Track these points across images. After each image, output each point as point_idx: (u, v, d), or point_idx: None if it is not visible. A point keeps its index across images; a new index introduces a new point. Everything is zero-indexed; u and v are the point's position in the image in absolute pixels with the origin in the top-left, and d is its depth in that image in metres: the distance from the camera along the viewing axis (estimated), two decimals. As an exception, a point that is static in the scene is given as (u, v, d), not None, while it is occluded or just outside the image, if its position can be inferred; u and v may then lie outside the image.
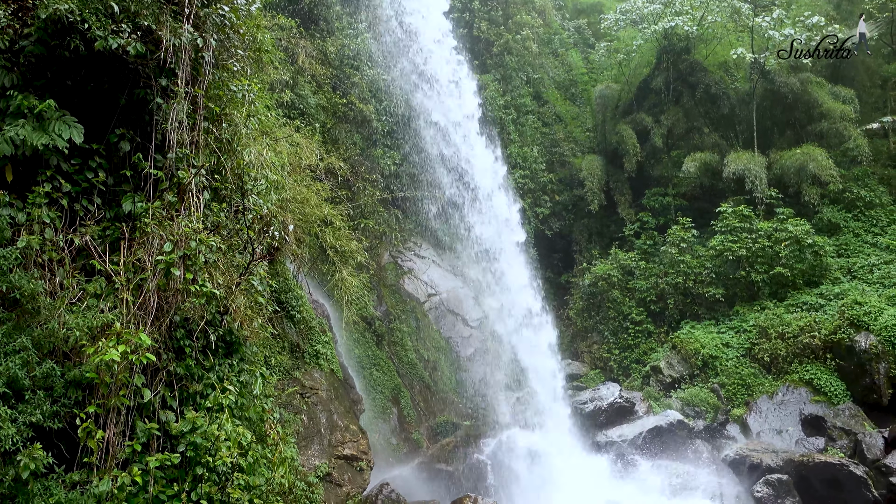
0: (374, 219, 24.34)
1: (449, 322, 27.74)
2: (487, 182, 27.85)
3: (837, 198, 31.06)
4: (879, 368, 22.67)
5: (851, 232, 30.17)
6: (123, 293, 8.19)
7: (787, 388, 23.98)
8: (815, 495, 18.40)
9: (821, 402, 23.07)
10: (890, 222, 30.27)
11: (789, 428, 22.62)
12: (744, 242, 28.60)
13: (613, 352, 30.35)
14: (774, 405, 23.60)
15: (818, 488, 18.46)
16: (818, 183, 30.63)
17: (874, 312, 23.71)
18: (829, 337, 24.22)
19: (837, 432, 21.53)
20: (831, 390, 23.30)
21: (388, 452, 20.33)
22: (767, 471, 19.28)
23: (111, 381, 7.63)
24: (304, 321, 15.58)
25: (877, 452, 20.04)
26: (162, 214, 8.70)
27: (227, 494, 8.43)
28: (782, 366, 24.93)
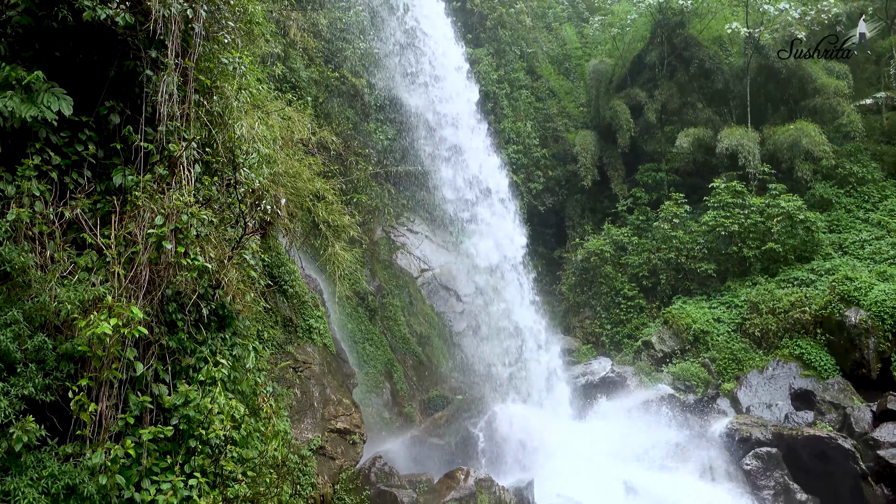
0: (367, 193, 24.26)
1: (442, 297, 27.80)
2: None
3: (830, 174, 31.09)
4: (869, 343, 22.85)
5: (843, 208, 30.25)
6: (115, 267, 8.15)
7: (777, 362, 24.16)
8: (804, 468, 18.61)
9: (810, 377, 23.27)
10: (882, 198, 30.35)
11: (779, 402, 22.82)
12: (736, 218, 28.66)
13: (605, 327, 30.49)
14: (764, 379, 23.78)
15: (807, 461, 18.66)
16: (811, 159, 30.65)
17: (864, 288, 23.84)
18: (820, 312, 24.38)
19: (826, 406, 21.73)
20: (821, 365, 23.50)
21: (381, 426, 20.43)
22: (757, 444, 19.47)
23: (103, 355, 7.62)
24: (297, 296, 15.57)
25: (865, 426, 20.25)
26: (153, 188, 8.64)
27: (221, 467, 8.48)
28: (773, 341, 25.10)
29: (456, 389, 24.20)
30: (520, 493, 16.19)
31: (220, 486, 8.43)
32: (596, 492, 18.24)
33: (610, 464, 19.87)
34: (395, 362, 23.00)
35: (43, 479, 7.18)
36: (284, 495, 10.50)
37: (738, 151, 30.40)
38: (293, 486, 11.92)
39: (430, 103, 26.59)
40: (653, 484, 18.64)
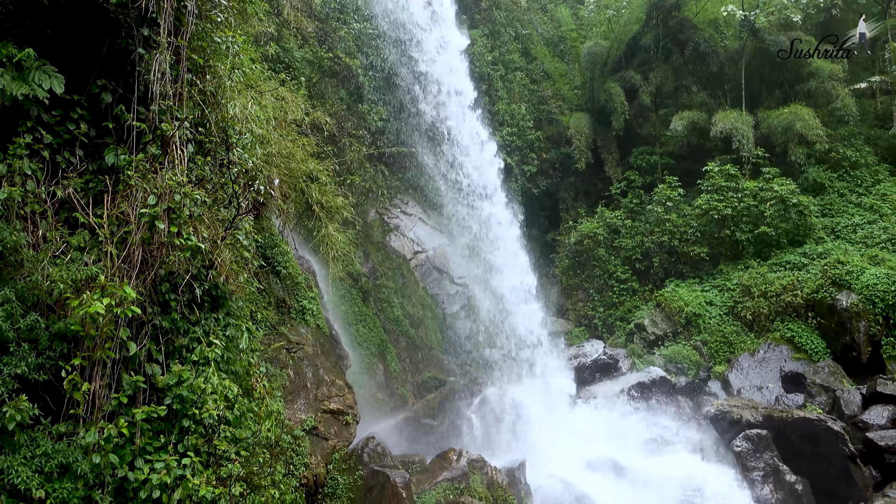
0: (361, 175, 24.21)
1: (435, 279, 27.82)
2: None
3: (823, 157, 31.14)
4: (859, 327, 23.00)
5: (836, 192, 30.33)
6: (107, 246, 8.13)
7: (768, 345, 24.31)
8: (793, 449, 18.76)
9: (801, 360, 23.43)
10: (874, 182, 30.43)
11: (770, 384, 22.98)
12: (729, 201, 28.71)
13: (598, 309, 30.60)
14: (756, 362, 23.94)
15: (796, 443, 18.81)
16: (805, 142, 30.68)
17: (856, 272, 23.96)
18: (811, 296, 24.50)
19: (817, 389, 21.90)
20: (812, 348, 23.66)
21: (374, 407, 20.50)
22: (747, 426, 19.60)
23: (96, 334, 7.62)
24: (290, 277, 15.56)
25: (854, 408, 20.43)
26: (145, 167, 8.60)
27: (214, 446, 8.51)
28: (764, 324, 25.24)
29: (449, 371, 24.30)
30: (512, 473, 16.30)
31: (214, 465, 8.47)
32: (587, 472, 18.38)
33: (601, 445, 20.01)
34: (389, 344, 23.04)
35: (36, 457, 7.20)
36: (277, 475, 10.56)
37: (733, 135, 30.40)
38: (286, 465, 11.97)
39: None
40: (643, 465, 18.80)
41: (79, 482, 7.41)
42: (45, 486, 7.18)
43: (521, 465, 16.84)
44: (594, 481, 17.93)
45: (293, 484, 12.17)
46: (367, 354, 21.83)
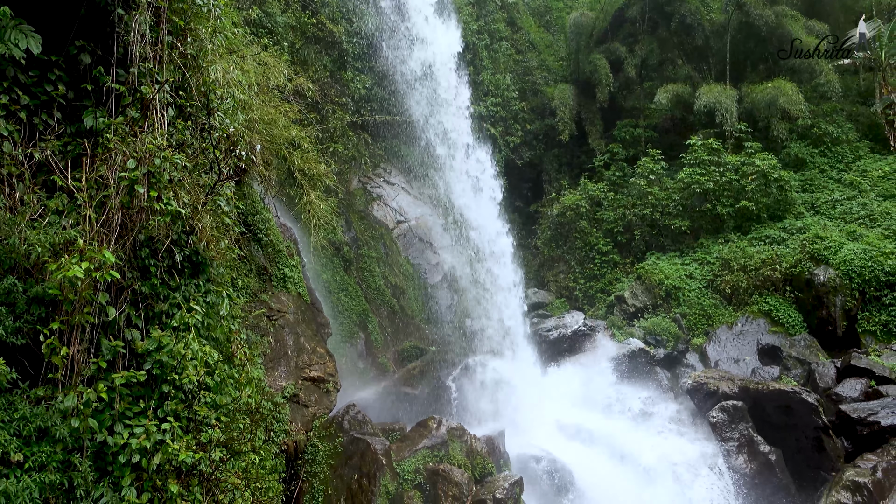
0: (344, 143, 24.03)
1: (417, 249, 27.80)
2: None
3: (805, 133, 31.31)
4: (836, 301, 23.31)
5: (817, 167, 30.55)
6: (86, 210, 8.03)
7: (746, 318, 24.60)
8: (768, 420, 19.06)
9: (778, 333, 23.74)
10: (855, 159, 30.67)
11: (746, 357, 23.29)
12: (711, 175, 28.85)
13: (579, 281, 30.76)
14: (733, 335, 24.23)
15: (771, 414, 19.11)
16: (787, 118, 30.82)
17: (834, 247, 24.23)
18: (790, 270, 24.77)
19: (792, 362, 22.23)
20: (789, 321, 23.97)
21: (355, 376, 20.57)
22: (723, 397, 19.88)
23: (74, 298, 7.56)
24: (272, 244, 15.47)
25: (828, 381, 20.77)
26: (125, 130, 8.47)
27: (194, 412, 8.50)
28: (743, 297, 25.51)
29: (430, 341, 24.37)
30: (491, 441, 16.45)
31: (194, 430, 8.47)
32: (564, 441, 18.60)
33: (579, 415, 20.23)
34: (370, 313, 23.06)
35: (14, 421, 7.16)
36: (258, 441, 10.58)
37: (716, 109, 30.47)
38: (266, 432, 12.00)
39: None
40: (620, 435, 19.04)
41: (57, 446, 7.39)
42: (24, 449, 7.16)
43: (500, 433, 17.00)
44: (572, 450, 18.15)
45: (273, 450, 12.21)
46: (349, 323, 21.84)
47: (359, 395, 18.90)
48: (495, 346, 22.84)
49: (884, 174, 29.44)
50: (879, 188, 28.64)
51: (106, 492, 7.67)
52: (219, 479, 8.49)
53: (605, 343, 24.73)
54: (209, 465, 8.29)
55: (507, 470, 16.24)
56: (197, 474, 8.27)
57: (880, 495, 16.10)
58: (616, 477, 17.64)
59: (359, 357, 21.59)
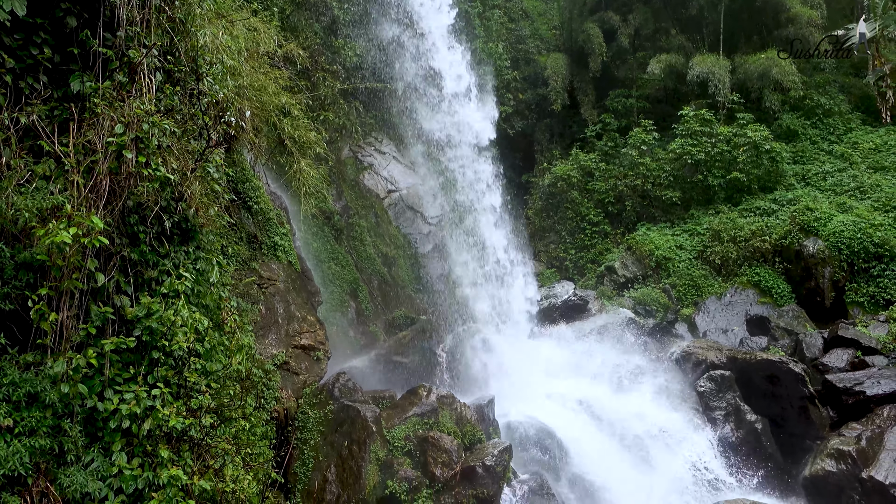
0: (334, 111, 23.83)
1: (408, 218, 27.76)
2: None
3: (798, 104, 31.27)
4: (824, 272, 23.46)
5: (808, 139, 30.57)
6: (73, 175, 7.96)
7: (735, 289, 24.76)
8: (755, 390, 19.26)
9: (766, 304, 23.91)
10: (846, 131, 30.69)
11: (735, 327, 23.47)
12: (703, 146, 28.83)
13: (570, 251, 30.83)
14: (722, 306, 24.39)
15: (758, 384, 19.30)
16: (780, 89, 30.76)
17: (824, 219, 24.33)
18: (779, 241, 24.89)
19: (780, 332, 22.42)
20: (777, 292, 24.14)
21: (346, 345, 20.61)
22: (711, 367, 20.06)
23: (63, 264, 7.52)
24: (262, 212, 15.42)
25: (815, 351, 20.98)
26: (112, 95, 8.37)
27: (184, 378, 8.52)
28: (732, 268, 25.65)
29: (420, 310, 24.43)
30: (480, 409, 16.56)
31: (184, 396, 8.49)
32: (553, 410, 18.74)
33: (569, 383, 20.38)
34: (361, 282, 23.06)
35: (4, 386, 7.17)
36: (248, 408, 10.62)
37: (709, 79, 30.37)
38: (257, 399, 12.04)
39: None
40: (609, 403, 19.20)
41: (47, 411, 7.40)
42: (14, 414, 7.17)
43: (489, 401, 17.10)
44: (561, 418, 18.30)
45: (264, 417, 12.27)
46: (339, 292, 21.84)
47: (349, 363, 18.96)
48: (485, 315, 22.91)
49: (875, 146, 29.50)
50: (870, 160, 28.71)
51: (96, 457, 7.71)
52: (209, 445, 8.53)
53: (595, 313, 24.85)
54: (199, 431, 8.33)
55: (497, 437, 16.37)
56: (187, 440, 8.30)
57: (864, 463, 16.34)
58: (604, 444, 17.83)
59: (349, 326, 21.63)
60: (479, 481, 14.02)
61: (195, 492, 7.93)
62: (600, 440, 18.04)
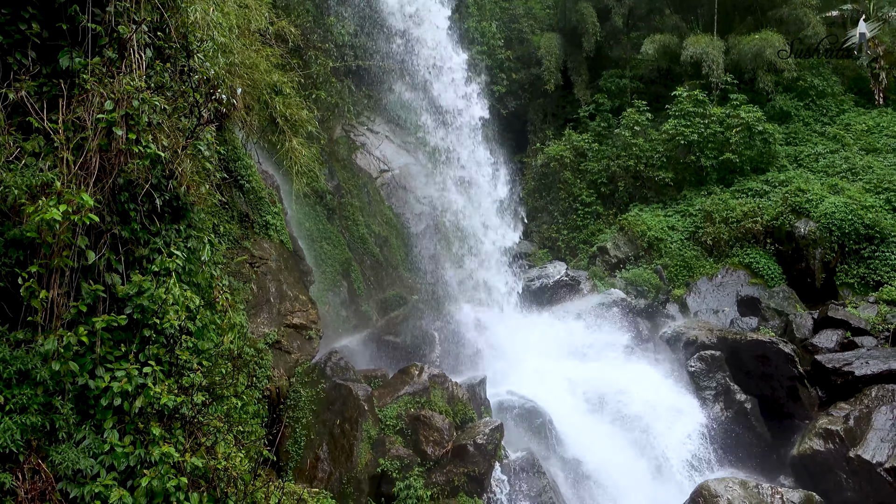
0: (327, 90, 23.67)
1: (400, 198, 27.71)
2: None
3: (791, 86, 31.26)
4: (815, 254, 23.57)
5: (801, 120, 30.58)
6: (63, 152, 7.91)
7: (726, 270, 24.86)
8: (745, 370, 19.40)
9: (757, 285, 24.03)
10: (839, 112, 30.71)
11: (725, 308, 23.61)
12: (696, 127, 28.81)
13: (562, 232, 30.85)
14: (713, 286, 24.50)
15: (748, 364, 19.43)
16: (774, 70, 30.73)
17: (815, 200, 24.40)
18: (771, 223, 24.97)
19: (771, 313, 22.54)
20: (768, 273, 24.25)
21: (338, 324, 20.63)
22: (702, 347, 20.16)
23: (53, 242, 7.49)
24: (254, 191, 15.37)
25: (805, 332, 21.11)
26: (102, 71, 8.30)
27: (176, 356, 8.52)
28: (724, 249, 25.74)
29: (413, 289, 24.45)
30: (472, 388, 16.62)
31: (176, 374, 8.50)
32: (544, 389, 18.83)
33: (560, 363, 20.46)
34: (353, 262, 23.04)
35: (-6, 363, 7.17)
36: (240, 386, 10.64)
37: (703, 60, 30.30)
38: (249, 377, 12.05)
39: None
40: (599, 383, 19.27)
41: (38, 389, 7.41)
42: (4, 391, 7.17)
43: (481, 381, 17.16)
44: (552, 397, 18.38)
45: (256, 395, 12.29)
46: (332, 272, 21.83)
47: (341, 342, 18.99)
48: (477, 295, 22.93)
49: (867, 128, 29.55)
50: (862, 142, 28.76)
51: (88, 434, 7.72)
52: (201, 423, 8.55)
53: (587, 293, 24.91)
54: (191, 409, 8.34)
55: (488, 416, 16.45)
56: (179, 418, 8.32)
57: (852, 442, 16.49)
58: (595, 423, 17.94)
59: (342, 305, 21.64)
60: (471, 459, 14.10)
61: (187, 469, 7.95)
62: (591, 419, 18.16)
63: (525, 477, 15.43)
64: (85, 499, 7.42)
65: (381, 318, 22.00)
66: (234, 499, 8.39)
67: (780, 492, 14.10)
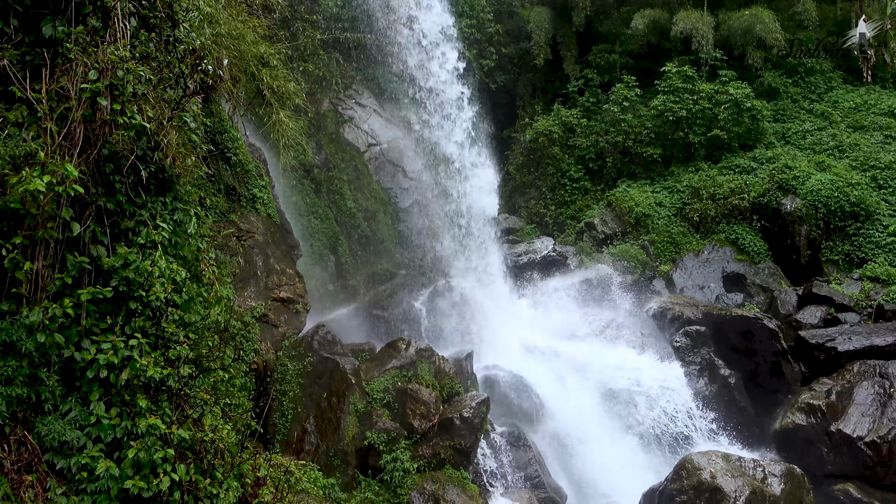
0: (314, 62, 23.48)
1: (388, 173, 27.58)
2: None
3: (780, 62, 31.26)
4: (801, 231, 23.71)
5: (790, 97, 30.61)
6: (47, 122, 7.81)
7: (712, 246, 24.98)
8: (729, 345, 19.57)
9: (743, 261, 24.18)
10: (827, 89, 30.76)
11: (711, 284, 23.75)
12: (685, 103, 28.77)
13: (550, 207, 30.84)
14: (699, 262, 24.63)
15: (732, 339, 19.61)
16: (763, 46, 30.67)
17: (802, 177, 24.51)
18: (758, 199, 25.08)
19: (756, 289, 22.70)
20: (754, 250, 24.40)
21: (325, 298, 20.63)
22: (687, 323, 20.32)
23: (37, 213, 7.42)
24: (241, 164, 15.27)
25: (790, 308, 21.30)
26: (85, 41, 8.18)
27: (162, 329, 8.49)
28: (710, 225, 25.84)
29: (400, 264, 24.44)
30: (458, 362, 16.71)
31: (162, 347, 8.48)
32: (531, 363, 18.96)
33: (546, 338, 20.58)
34: (341, 236, 23.00)
35: (-22, 334, 7.13)
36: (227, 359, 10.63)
37: (693, 35, 30.21)
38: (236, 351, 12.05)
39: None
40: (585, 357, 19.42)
41: (23, 360, 7.38)
42: (-11, 363, 7.15)
43: (468, 355, 17.26)
44: (539, 372, 18.52)
45: (243, 368, 12.31)
46: (319, 246, 21.79)
47: (329, 316, 19.00)
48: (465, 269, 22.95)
49: (855, 105, 29.62)
50: (850, 119, 28.84)
51: (74, 406, 7.72)
52: (188, 395, 8.55)
53: (574, 269, 25.00)
54: (178, 381, 8.33)
55: (475, 390, 16.57)
56: (165, 390, 8.31)
57: (833, 417, 16.74)
58: (580, 397, 18.09)
59: (329, 279, 21.63)
60: (457, 432, 14.20)
61: (174, 441, 7.96)
62: (576, 393, 18.30)
63: (511, 450, 15.59)
64: (71, 470, 7.44)
65: (368, 292, 22.01)
66: (222, 470, 8.42)
67: (762, 464, 14.30)
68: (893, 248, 22.68)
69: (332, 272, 21.95)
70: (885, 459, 15.91)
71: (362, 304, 20.67)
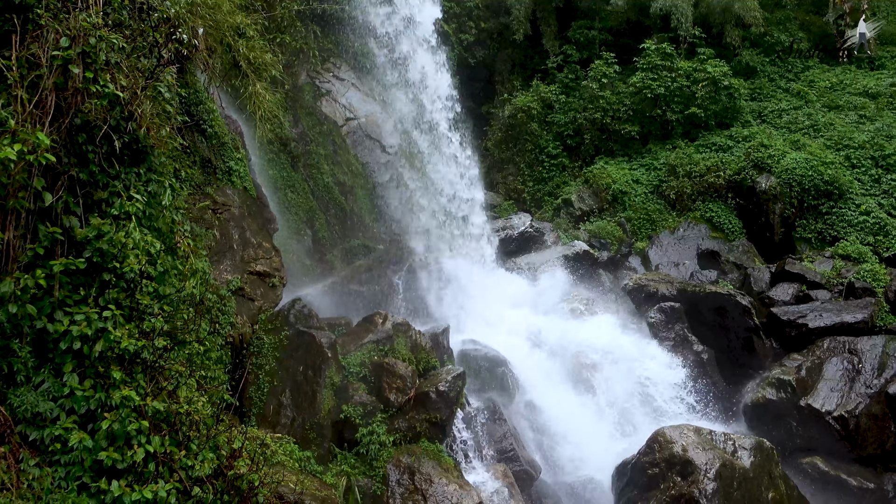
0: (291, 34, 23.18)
1: (366, 147, 27.39)
2: None
3: (758, 41, 31.38)
4: (775, 209, 23.96)
5: (767, 76, 30.77)
6: (17, 90, 7.66)
7: (688, 224, 25.18)
8: (703, 321, 19.82)
9: (718, 239, 24.41)
10: (804, 69, 30.95)
11: (686, 261, 23.97)
12: (663, 81, 28.82)
13: (528, 184, 30.86)
14: (675, 240, 24.83)
15: (706, 315, 19.85)
16: (741, 25, 30.77)
17: (777, 156, 24.71)
18: (733, 177, 25.27)
19: (730, 266, 22.96)
20: (729, 227, 24.64)
21: (302, 272, 20.55)
22: (661, 299, 20.53)
23: (8, 182, 7.30)
24: (216, 136, 15.09)
25: (762, 285, 21.58)
26: (57, 7, 8.02)
27: (136, 301, 8.42)
28: (686, 203, 26.03)
29: (378, 239, 24.37)
30: (435, 337, 16.75)
31: (136, 319, 8.42)
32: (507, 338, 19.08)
33: (522, 313, 20.70)
34: (318, 210, 22.87)
35: (-52, 305, 7.04)
36: (202, 332, 10.61)
37: (672, 13, 30.23)
38: (211, 324, 12.02)
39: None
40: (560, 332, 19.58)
41: (-5, 331, 7.31)
42: (-40, 334, 7.07)
43: (444, 329, 17.30)
44: (514, 346, 18.65)
45: (219, 341, 12.28)
46: (296, 220, 21.67)
47: (305, 290, 18.94)
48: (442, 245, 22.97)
49: (830, 85, 29.85)
50: (825, 99, 29.07)
51: (47, 378, 7.66)
52: (162, 367, 8.51)
53: (551, 245, 25.09)
54: (152, 353, 8.30)
55: (451, 364, 16.63)
56: (140, 362, 8.27)
57: (803, 392, 17.04)
58: (556, 372, 18.27)
59: (306, 254, 21.53)
60: (433, 406, 14.28)
61: (148, 413, 7.93)
62: (552, 368, 18.47)
63: (487, 424, 15.71)
64: (44, 441, 7.40)
65: (345, 267, 21.95)
66: (197, 442, 8.41)
67: (732, 438, 14.53)
68: (865, 227, 22.99)
69: (309, 247, 21.85)
70: (852, 433, 16.26)
71: (339, 279, 20.63)
